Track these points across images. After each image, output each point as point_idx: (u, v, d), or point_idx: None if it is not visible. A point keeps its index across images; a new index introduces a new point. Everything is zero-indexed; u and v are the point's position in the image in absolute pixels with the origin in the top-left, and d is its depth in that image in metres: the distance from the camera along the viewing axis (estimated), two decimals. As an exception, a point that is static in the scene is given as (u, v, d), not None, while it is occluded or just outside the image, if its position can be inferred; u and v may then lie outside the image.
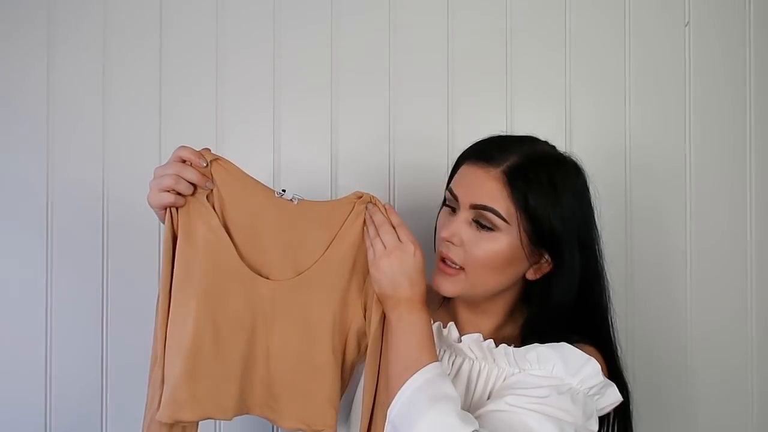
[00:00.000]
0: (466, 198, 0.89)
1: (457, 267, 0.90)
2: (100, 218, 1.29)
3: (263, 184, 0.91)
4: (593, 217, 0.94)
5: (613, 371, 0.92)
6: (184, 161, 0.87)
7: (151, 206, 0.87)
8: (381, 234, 0.87)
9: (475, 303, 0.95)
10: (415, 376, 0.81)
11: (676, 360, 1.31)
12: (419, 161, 1.28)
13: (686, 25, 1.32)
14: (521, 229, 0.87)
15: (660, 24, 1.31)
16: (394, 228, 0.88)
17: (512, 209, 0.87)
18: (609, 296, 0.95)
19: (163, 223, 0.88)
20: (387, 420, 0.82)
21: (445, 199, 0.95)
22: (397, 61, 1.30)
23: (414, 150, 1.29)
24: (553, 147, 0.95)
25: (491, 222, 0.87)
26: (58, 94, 1.29)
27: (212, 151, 0.90)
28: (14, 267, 1.28)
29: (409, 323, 0.85)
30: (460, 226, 0.89)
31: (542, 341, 0.88)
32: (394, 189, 1.29)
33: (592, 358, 0.85)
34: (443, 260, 0.91)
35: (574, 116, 1.31)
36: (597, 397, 0.86)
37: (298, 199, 0.90)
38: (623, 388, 0.91)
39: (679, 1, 1.31)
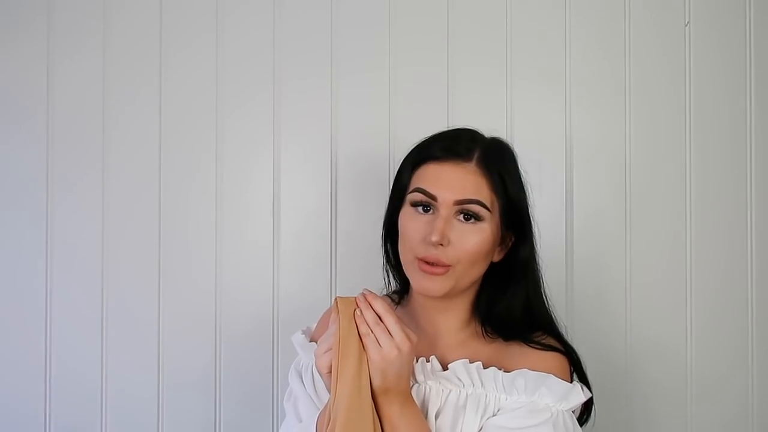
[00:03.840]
0: (448, 196, 0.89)
1: (444, 265, 0.89)
2: (99, 218, 1.29)
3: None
4: None
5: (570, 353, 0.95)
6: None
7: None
8: (388, 325, 0.85)
9: (442, 302, 0.95)
10: None
11: (674, 359, 1.30)
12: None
13: (686, 25, 1.32)
14: (500, 215, 0.91)
15: (660, 24, 1.31)
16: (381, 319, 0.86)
17: (493, 198, 0.91)
18: (542, 274, 0.99)
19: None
20: None
21: (399, 200, 0.95)
22: (397, 61, 1.30)
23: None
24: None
25: (477, 213, 0.90)
26: (58, 94, 1.29)
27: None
28: (14, 268, 1.29)
29: (411, 418, 0.86)
30: (446, 226, 0.89)
31: (508, 334, 0.93)
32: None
33: (576, 386, 0.90)
34: (425, 261, 0.90)
35: (574, 116, 1.30)
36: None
37: None
38: (581, 370, 0.95)
39: (679, 1, 1.31)
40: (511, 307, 0.94)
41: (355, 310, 0.87)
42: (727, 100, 1.31)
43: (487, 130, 0.97)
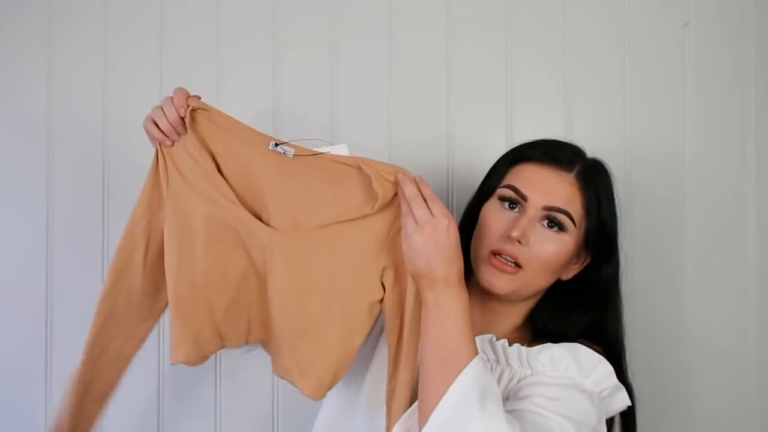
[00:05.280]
0: (539, 199, 0.90)
1: (516, 265, 0.89)
2: (100, 210, 1.28)
3: (257, 133, 0.88)
4: None
5: (619, 374, 0.91)
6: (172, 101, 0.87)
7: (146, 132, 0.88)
8: (413, 208, 0.80)
9: (501, 303, 0.94)
10: (461, 378, 0.76)
11: (675, 359, 1.30)
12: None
13: (686, 25, 1.32)
14: (584, 233, 0.91)
15: (660, 24, 1.32)
16: (426, 201, 0.81)
17: (582, 213, 0.91)
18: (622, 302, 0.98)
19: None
20: (430, 420, 0.76)
21: (486, 194, 0.95)
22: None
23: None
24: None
25: (562, 223, 0.89)
26: (58, 90, 1.29)
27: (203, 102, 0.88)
28: (14, 254, 1.28)
29: (446, 306, 0.79)
30: (529, 226, 0.89)
31: (555, 341, 0.90)
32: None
33: (605, 360, 0.86)
34: (497, 256, 0.89)
35: (574, 116, 1.30)
36: (607, 400, 0.87)
37: (293, 153, 0.86)
38: (629, 391, 0.91)
39: (679, 1, 1.32)
40: (573, 327, 0.93)
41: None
42: (727, 101, 1.31)
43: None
